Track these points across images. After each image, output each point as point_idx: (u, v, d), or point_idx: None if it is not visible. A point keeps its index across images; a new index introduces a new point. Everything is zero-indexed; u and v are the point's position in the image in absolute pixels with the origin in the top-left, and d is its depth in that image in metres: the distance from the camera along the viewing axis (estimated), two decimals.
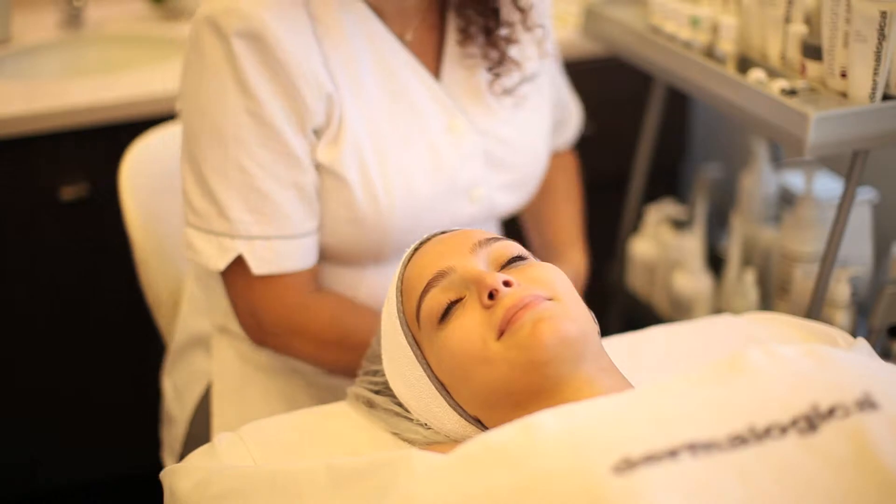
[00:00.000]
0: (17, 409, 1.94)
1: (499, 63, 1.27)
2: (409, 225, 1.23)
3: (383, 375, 1.07)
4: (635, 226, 2.00)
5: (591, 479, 0.73)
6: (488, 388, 0.93)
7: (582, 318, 0.95)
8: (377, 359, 1.09)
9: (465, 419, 0.98)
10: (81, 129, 1.81)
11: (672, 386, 0.83)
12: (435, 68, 1.27)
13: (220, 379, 1.35)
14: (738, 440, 0.77)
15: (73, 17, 2.14)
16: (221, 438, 1.05)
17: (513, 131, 1.31)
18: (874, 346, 1.46)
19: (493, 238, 1.01)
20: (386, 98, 1.22)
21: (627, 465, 0.73)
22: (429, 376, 0.98)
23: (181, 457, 1.41)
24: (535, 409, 0.92)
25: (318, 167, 1.20)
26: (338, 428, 1.08)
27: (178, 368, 1.45)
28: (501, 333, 0.92)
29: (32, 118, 1.77)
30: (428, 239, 1.04)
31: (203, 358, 1.40)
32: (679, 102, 2.19)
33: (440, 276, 0.97)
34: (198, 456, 1.03)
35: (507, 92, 1.30)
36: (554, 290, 0.95)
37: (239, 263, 1.19)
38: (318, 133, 1.19)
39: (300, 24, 1.15)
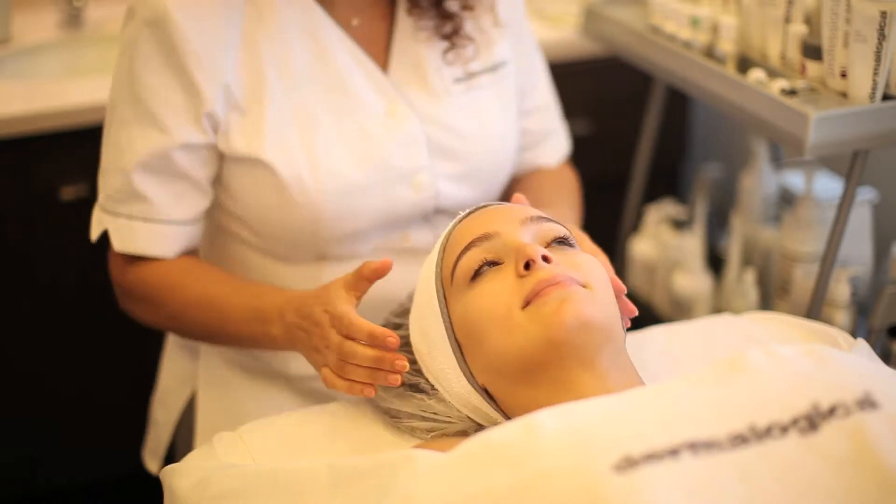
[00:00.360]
0: (17, 409, 1.94)
1: (452, 34, 1.26)
2: (341, 210, 1.22)
3: (406, 330, 1.08)
4: (635, 226, 2.00)
5: (592, 478, 0.73)
6: (502, 355, 0.94)
7: (608, 312, 0.95)
8: (404, 314, 1.11)
9: (473, 386, 0.98)
10: (81, 129, 1.81)
11: (673, 386, 0.83)
12: (383, 55, 1.26)
13: (206, 383, 1.35)
14: (739, 439, 0.77)
15: (73, 17, 2.14)
16: (221, 438, 1.05)
17: (463, 120, 1.28)
18: (874, 346, 1.46)
19: (545, 217, 1.03)
20: (318, 84, 1.22)
21: (628, 464, 0.73)
22: (448, 335, 0.99)
23: (165, 461, 1.41)
24: (543, 388, 0.93)
25: (236, 156, 1.20)
26: (338, 427, 1.08)
27: (167, 371, 1.46)
28: (527, 304, 0.93)
29: (32, 118, 1.77)
30: (483, 207, 1.06)
31: (189, 362, 1.40)
32: (679, 102, 2.19)
33: (484, 237, 0.99)
34: (197, 455, 1.03)
35: (464, 67, 1.28)
36: (589, 278, 0.96)
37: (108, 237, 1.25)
38: (217, 122, 1.19)
39: (219, 11, 1.17)
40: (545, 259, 0.95)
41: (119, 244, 1.23)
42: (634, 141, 2.00)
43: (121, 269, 1.27)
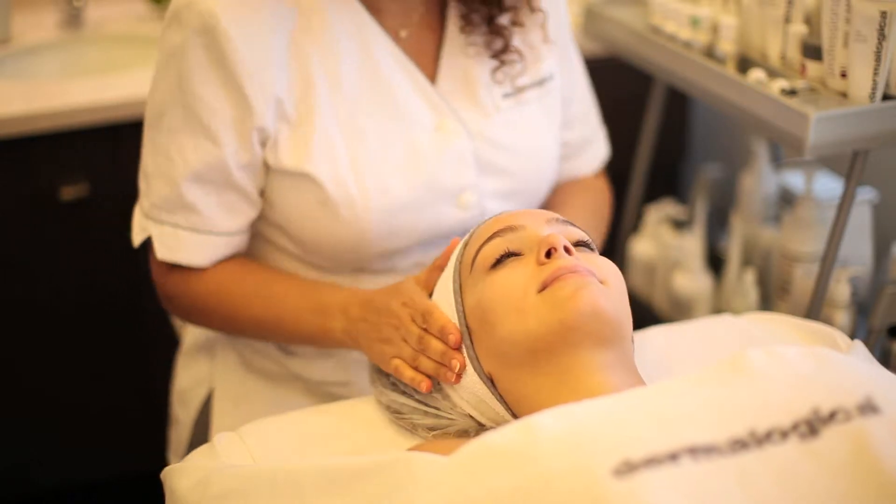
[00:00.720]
0: (17, 409, 1.94)
1: (502, 51, 1.25)
2: (386, 226, 1.21)
3: None
4: (635, 226, 2.00)
5: (592, 482, 0.73)
6: (512, 339, 0.95)
7: (621, 311, 0.96)
8: None
9: (479, 374, 0.99)
10: (81, 129, 1.81)
11: (673, 386, 0.83)
12: (431, 67, 1.25)
13: (222, 384, 1.36)
14: (739, 444, 0.76)
15: (73, 17, 2.14)
16: (221, 438, 1.05)
17: (511, 135, 1.27)
18: (874, 346, 1.46)
19: (569, 221, 1.05)
20: (367, 95, 1.20)
21: (628, 468, 0.73)
22: (460, 324, 1.01)
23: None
24: (549, 377, 0.94)
25: (282, 169, 1.19)
26: (338, 428, 1.08)
27: (184, 372, 1.45)
28: (544, 287, 0.94)
29: (32, 118, 1.77)
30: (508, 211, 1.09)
31: (207, 362, 1.40)
32: (679, 102, 2.19)
33: (509, 229, 1.01)
34: (198, 455, 1.03)
35: (511, 83, 1.27)
36: (607, 277, 0.98)
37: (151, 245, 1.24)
38: (267, 136, 1.18)
39: (269, 22, 1.14)
40: (567, 251, 0.96)
41: (164, 253, 1.21)
42: (634, 141, 2.00)
43: (164, 276, 1.25)
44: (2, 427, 1.94)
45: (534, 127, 1.29)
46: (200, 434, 1.39)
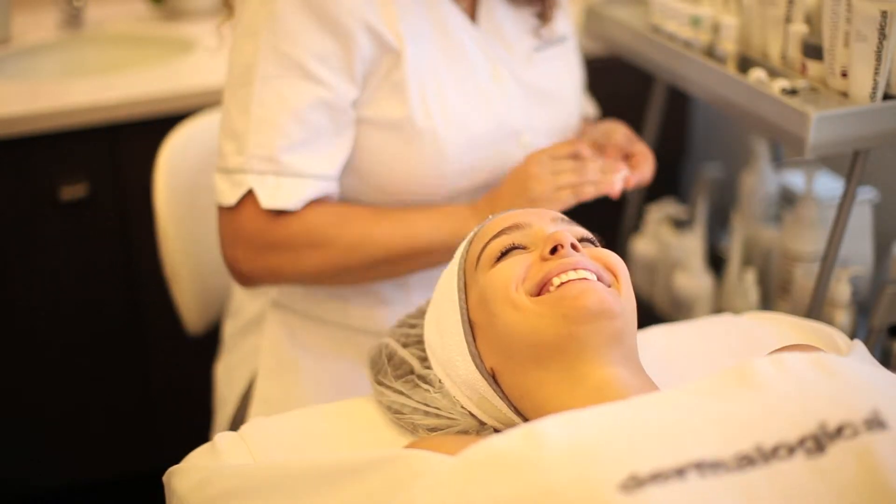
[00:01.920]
0: (16, 410, 1.94)
1: (542, 10, 1.37)
2: (463, 162, 1.27)
3: (420, 329, 1.10)
4: (636, 225, 2.00)
5: (598, 496, 0.72)
6: (513, 332, 0.95)
7: (627, 308, 0.96)
8: (421, 315, 1.13)
9: (480, 371, 0.99)
10: (81, 129, 1.81)
11: (680, 398, 0.82)
12: (472, 17, 1.33)
13: (268, 356, 1.38)
14: (746, 460, 0.76)
15: (73, 17, 2.14)
16: (222, 438, 1.05)
17: (549, 82, 1.38)
18: (874, 346, 1.46)
19: (572, 221, 1.06)
20: (441, 44, 1.27)
21: (635, 483, 0.72)
22: (463, 320, 1.01)
23: None
24: (551, 373, 0.93)
25: (373, 119, 1.24)
26: (338, 428, 1.08)
27: (230, 353, 1.48)
28: (547, 280, 0.95)
29: (32, 118, 1.77)
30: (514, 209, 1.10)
31: (255, 340, 1.42)
32: (679, 102, 2.19)
33: (515, 227, 1.02)
34: (198, 455, 1.03)
35: (549, 38, 1.38)
36: (615, 273, 0.98)
37: (250, 198, 1.21)
38: (371, 71, 1.22)
39: None
40: (574, 248, 0.97)
41: (269, 201, 1.20)
42: None
43: (266, 225, 1.22)
44: (1, 427, 1.94)
45: (562, 76, 1.41)
46: (243, 409, 1.40)
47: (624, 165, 1.26)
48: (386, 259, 1.24)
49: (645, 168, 1.33)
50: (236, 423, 1.43)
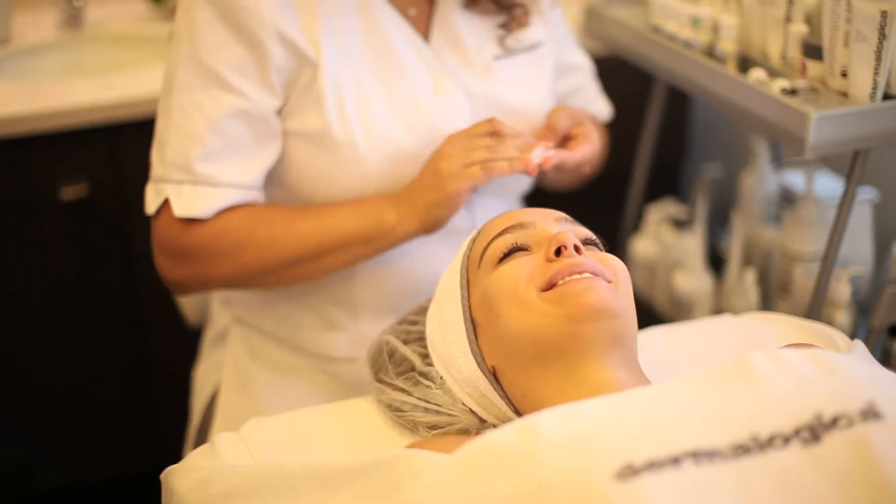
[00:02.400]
0: (16, 409, 1.94)
1: (508, 20, 1.31)
2: (387, 174, 1.23)
3: (421, 326, 1.10)
4: (636, 225, 2.00)
5: (594, 485, 0.72)
6: (517, 331, 0.95)
7: (628, 310, 0.96)
8: (423, 311, 1.12)
9: (481, 368, 0.99)
10: (81, 129, 1.81)
11: (676, 389, 0.83)
12: (426, 31, 1.29)
13: (230, 371, 1.38)
14: (741, 449, 0.76)
15: (73, 17, 2.14)
16: (221, 438, 1.05)
17: (506, 92, 1.31)
18: (874, 346, 1.46)
19: (575, 221, 1.06)
20: (371, 55, 1.24)
21: (630, 472, 0.73)
22: (465, 318, 1.01)
23: (194, 447, 1.43)
24: (552, 372, 0.94)
25: (295, 131, 1.21)
26: (338, 427, 1.08)
27: (201, 365, 1.49)
28: (552, 284, 0.95)
29: (32, 118, 1.77)
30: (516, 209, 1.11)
31: (220, 353, 1.43)
32: (679, 102, 2.19)
33: (519, 226, 1.02)
34: (198, 455, 1.03)
35: (516, 47, 1.32)
36: (616, 276, 0.98)
37: (167, 207, 1.21)
38: (289, 81, 1.20)
39: None
40: (577, 249, 0.97)
41: (181, 210, 1.19)
42: (635, 140, 1.99)
43: (179, 233, 1.21)
44: (1, 427, 1.94)
45: (526, 86, 1.34)
46: (206, 423, 1.41)
47: (542, 144, 1.20)
48: (302, 256, 1.22)
49: (582, 148, 1.27)
50: (202, 433, 1.44)
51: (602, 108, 1.53)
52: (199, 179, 1.19)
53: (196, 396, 1.50)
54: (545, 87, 1.37)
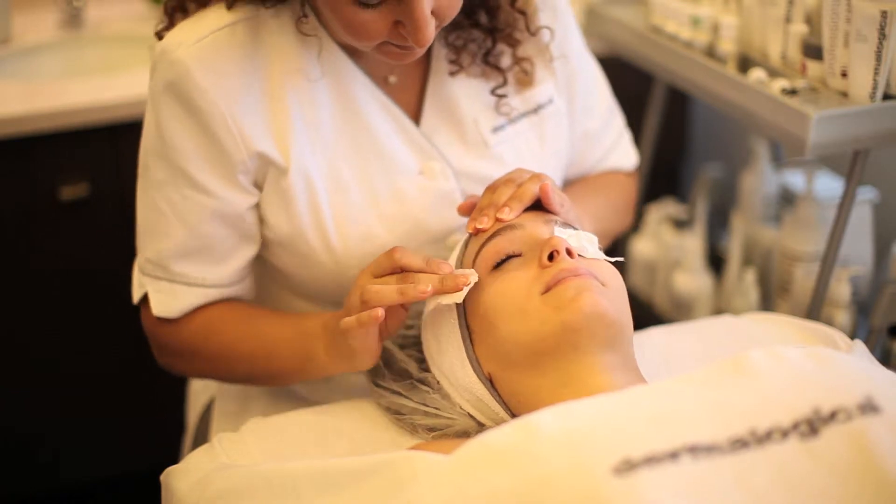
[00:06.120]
0: (16, 409, 1.94)
1: (502, 83, 1.19)
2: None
3: (416, 330, 1.10)
4: (636, 225, 2.00)
5: (592, 480, 0.73)
6: (513, 340, 0.95)
7: (623, 313, 0.96)
8: (418, 316, 1.12)
9: (478, 375, 0.99)
10: (81, 129, 1.81)
11: (674, 385, 0.83)
12: (415, 108, 1.19)
13: (221, 398, 1.36)
14: (739, 443, 0.76)
15: (73, 17, 2.14)
16: (221, 438, 1.05)
17: (499, 170, 1.19)
18: (874, 346, 1.46)
19: (568, 224, 1.05)
20: (347, 140, 1.15)
21: (628, 467, 0.73)
22: (460, 325, 1.00)
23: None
24: (548, 378, 0.94)
25: (269, 222, 1.16)
26: (338, 428, 1.08)
27: (194, 379, 1.47)
28: (547, 290, 0.94)
29: (32, 118, 1.77)
30: None
31: None
32: (679, 102, 2.19)
33: (509, 227, 1.01)
34: (197, 456, 1.03)
35: (518, 109, 1.22)
36: (609, 280, 0.98)
37: (146, 300, 1.19)
38: (256, 183, 1.14)
39: (239, 74, 1.10)
40: (569, 253, 0.97)
41: (160, 310, 1.17)
42: (635, 140, 1.99)
43: (159, 328, 1.20)
44: (1, 427, 1.94)
45: (525, 158, 1.23)
46: (201, 437, 1.40)
47: (457, 272, 1.01)
48: (249, 374, 1.19)
49: (521, 199, 1.06)
50: (197, 445, 1.43)
51: (623, 157, 1.38)
52: (175, 278, 1.16)
53: (190, 408, 1.49)
54: (549, 153, 1.25)
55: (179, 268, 1.16)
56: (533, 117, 1.23)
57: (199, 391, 1.47)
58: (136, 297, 1.20)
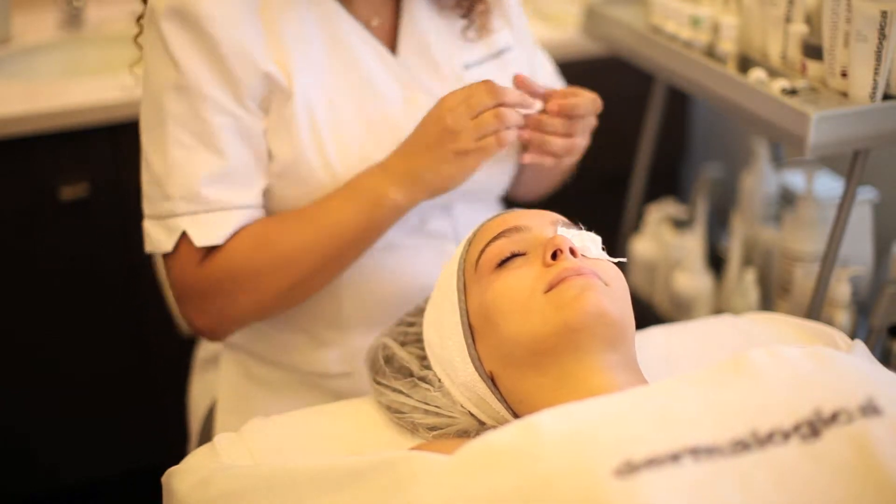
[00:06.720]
0: (16, 408, 1.94)
1: (470, 8, 1.27)
2: None
3: (418, 327, 1.10)
4: (636, 225, 2.00)
5: (593, 482, 0.73)
6: (515, 339, 0.95)
7: (625, 313, 0.96)
8: (419, 314, 1.12)
9: (479, 373, 0.99)
10: (81, 129, 1.81)
11: (675, 386, 0.83)
12: (392, 43, 1.26)
13: (224, 395, 1.36)
14: (741, 445, 0.76)
15: (73, 17, 2.14)
16: (221, 438, 1.05)
17: None
18: (874, 346, 1.46)
19: (574, 224, 1.06)
20: (339, 72, 1.21)
21: (629, 469, 0.73)
22: (462, 323, 1.01)
23: None
24: (549, 378, 0.94)
25: (272, 152, 1.19)
26: (338, 428, 1.08)
27: (195, 385, 1.47)
28: (550, 288, 0.94)
29: (32, 118, 1.77)
30: (512, 210, 1.09)
31: (213, 373, 1.42)
32: (679, 102, 2.19)
33: (514, 229, 1.02)
34: (198, 456, 1.03)
35: (483, 53, 1.29)
36: (611, 280, 0.98)
37: (184, 243, 1.18)
38: (262, 108, 1.18)
39: (239, 2, 1.15)
40: (572, 252, 0.97)
41: (204, 238, 1.16)
42: (635, 141, 1.99)
43: (200, 267, 1.18)
44: (2, 427, 1.94)
45: None
46: (204, 442, 1.40)
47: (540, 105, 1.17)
48: (323, 266, 1.19)
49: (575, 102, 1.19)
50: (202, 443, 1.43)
51: None
52: (211, 206, 1.16)
53: (192, 416, 1.49)
54: None
55: (214, 194, 1.16)
56: (497, 62, 1.31)
57: (199, 395, 1.47)
58: (167, 244, 1.17)
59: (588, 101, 1.19)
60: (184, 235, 1.17)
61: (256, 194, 1.19)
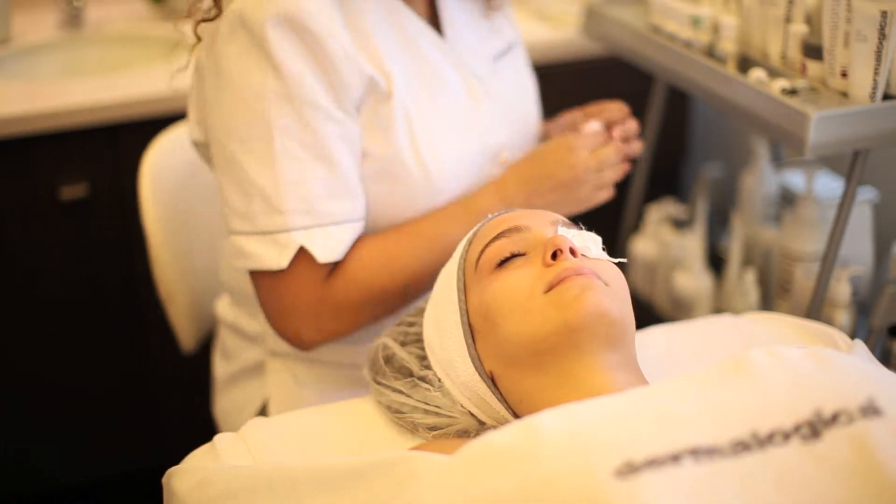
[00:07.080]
0: (17, 408, 1.94)
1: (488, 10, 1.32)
2: (454, 195, 1.23)
3: (418, 327, 1.10)
4: (636, 225, 2.00)
5: (594, 483, 0.72)
6: (515, 339, 0.95)
7: (625, 313, 0.96)
8: (420, 313, 1.12)
9: (480, 373, 0.99)
10: (81, 129, 1.81)
11: (675, 386, 0.83)
12: (437, 29, 1.28)
13: (276, 402, 1.35)
14: (741, 446, 0.76)
15: (73, 17, 2.14)
16: (222, 438, 1.05)
17: (513, 92, 1.34)
18: (874, 346, 1.46)
19: (574, 224, 1.06)
20: (413, 66, 1.22)
21: (630, 469, 0.73)
22: (463, 322, 1.01)
23: None
24: (550, 378, 0.94)
25: (366, 150, 1.18)
26: (338, 428, 1.08)
27: (227, 395, 1.45)
28: (550, 288, 0.94)
29: (32, 118, 1.77)
30: (511, 210, 1.09)
31: (258, 383, 1.39)
32: (679, 102, 2.19)
33: (514, 230, 1.02)
34: (198, 456, 1.03)
35: (495, 43, 1.33)
36: (612, 280, 0.98)
37: (302, 258, 1.15)
38: (357, 109, 1.17)
39: (329, 4, 1.14)
40: (572, 252, 0.97)
41: (327, 254, 1.14)
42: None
43: (318, 287, 1.16)
44: (2, 427, 1.94)
45: (522, 83, 1.38)
46: None
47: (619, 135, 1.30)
48: (433, 282, 1.16)
49: (630, 122, 1.33)
50: None
51: None
52: (325, 220, 1.14)
53: (226, 426, 1.45)
54: (532, 87, 1.40)
55: (327, 208, 1.15)
56: (510, 55, 1.37)
57: (231, 409, 1.44)
58: (281, 261, 1.13)
59: (627, 116, 1.33)
60: (301, 251, 1.14)
61: (363, 206, 1.19)
